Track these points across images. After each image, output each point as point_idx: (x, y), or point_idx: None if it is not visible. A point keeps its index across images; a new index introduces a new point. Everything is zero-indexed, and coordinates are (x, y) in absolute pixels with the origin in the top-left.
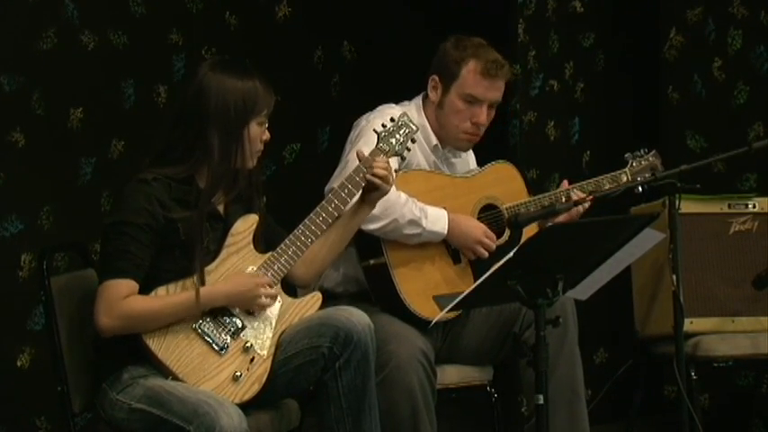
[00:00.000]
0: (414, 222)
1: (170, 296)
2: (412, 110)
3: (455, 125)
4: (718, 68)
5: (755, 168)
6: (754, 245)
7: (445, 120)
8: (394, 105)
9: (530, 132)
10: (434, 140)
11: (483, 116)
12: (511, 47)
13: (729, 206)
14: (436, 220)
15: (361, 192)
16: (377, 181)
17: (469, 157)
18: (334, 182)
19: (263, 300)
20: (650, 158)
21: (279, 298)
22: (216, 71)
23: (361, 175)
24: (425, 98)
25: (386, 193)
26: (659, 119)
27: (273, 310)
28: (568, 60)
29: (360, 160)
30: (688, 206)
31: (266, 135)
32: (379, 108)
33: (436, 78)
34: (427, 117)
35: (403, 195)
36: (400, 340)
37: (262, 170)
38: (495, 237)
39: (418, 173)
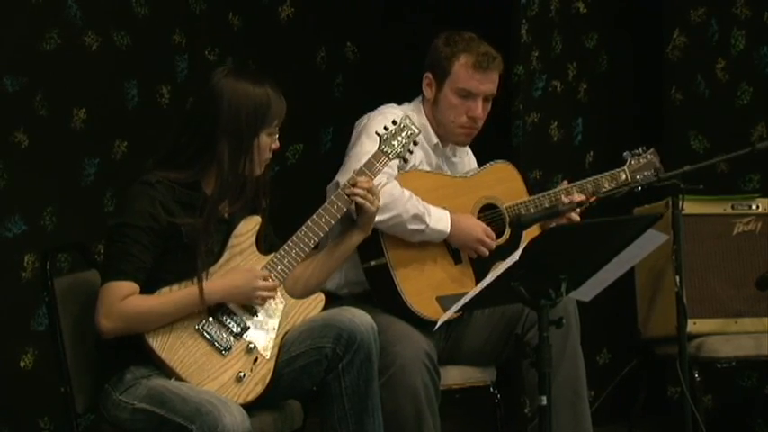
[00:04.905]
0: (418, 217)
1: (168, 294)
2: (412, 111)
3: (451, 120)
4: (721, 69)
5: (759, 169)
6: (757, 245)
7: (441, 116)
8: (395, 105)
9: (533, 133)
10: (435, 139)
11: (479, 109)
12: (514, 47)
13: (733, 207)
14: (439, 219)
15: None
16: (359, 200)
17: (471, 158)
18: (340, 176)
19: (262, 292)
20: (648, 156)
21: (282, 299)
22: (229, 79)
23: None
24: (423, 98)
25: (372, 213)
26: (662, 119)
27: (277, 311)
28: (571, 61)
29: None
30: (691, 207)
31: (276, 144)
32: (380, 108)
33: (430, 76)
34: (426, 116)
35: (406, 192)
36: (404, 341)
37: (267, 173)
38: (495, 236)
39: (418, 172)
